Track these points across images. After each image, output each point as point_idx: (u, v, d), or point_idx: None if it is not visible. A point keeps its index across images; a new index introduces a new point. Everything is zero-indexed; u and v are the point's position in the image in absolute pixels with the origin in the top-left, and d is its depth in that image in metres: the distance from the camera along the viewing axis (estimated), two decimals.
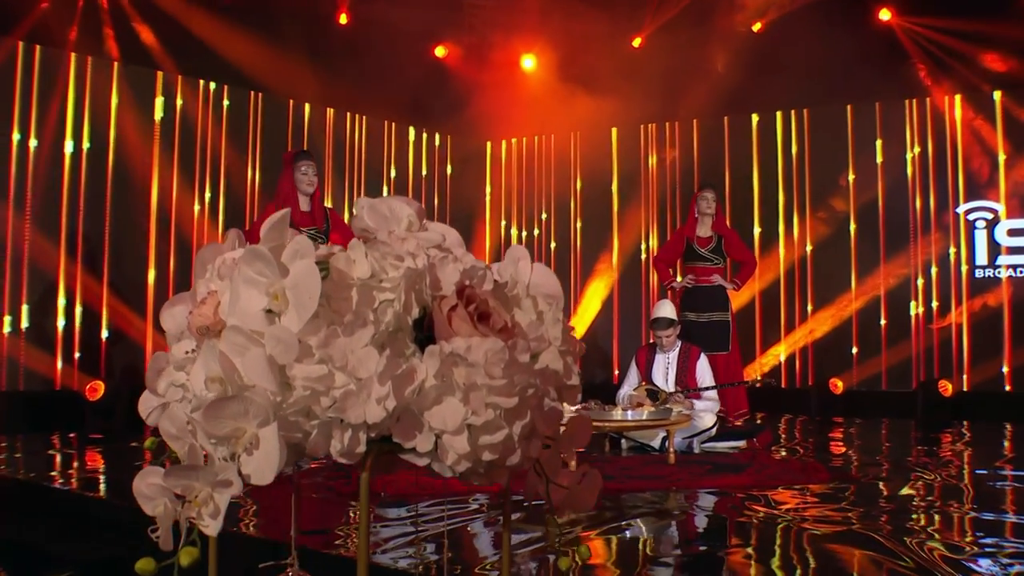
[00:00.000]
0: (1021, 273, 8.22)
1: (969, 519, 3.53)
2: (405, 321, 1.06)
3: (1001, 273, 8.27)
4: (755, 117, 9.32)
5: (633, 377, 5.99)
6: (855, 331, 8.76)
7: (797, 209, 9.11)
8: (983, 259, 8.34)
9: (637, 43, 9.48)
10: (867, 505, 3.86)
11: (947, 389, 7.81)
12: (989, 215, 8.33)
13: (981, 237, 8.35)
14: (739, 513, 3.67)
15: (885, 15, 8.52)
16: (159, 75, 7.89)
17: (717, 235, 6.77)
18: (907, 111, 8.68)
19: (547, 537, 1.20)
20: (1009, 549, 3.03)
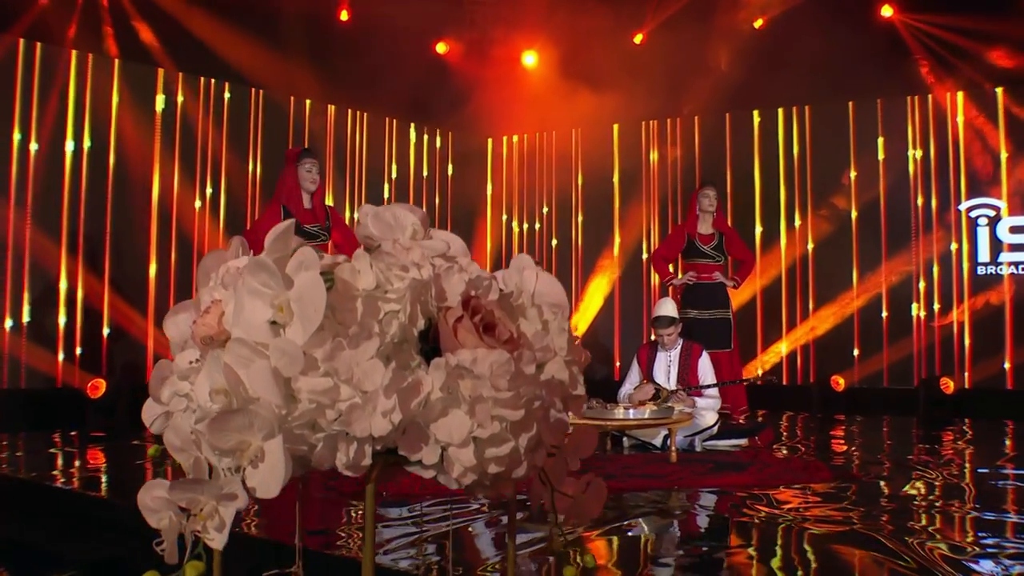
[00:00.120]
0: (1023, 270, 8.22)
1: (971, 519, 3.54)
2: (410, 332, 1.05)
3: (1003, 270, 8.26)
4: (757, 114, 9.31)
5: (635, 375, 5.99)
6: (856, 329, 8.76)
7: (799, 206, 9.10)
8: (985, 256, 8.33)
9: (639, 39, 9.46)
10: (869, 504, 3.86)
11: (948, 386, 7.80)
12: (991, 212, 8.32)
13: (983, 234, 8.34)
14: (740, 513, 3.68)
15: (887, 11, 8.50)
16: (159, 72, 7.88)
17: (718, 232, 6.77)
18: (909, 108, 8.67)
19: (550, 540, 1.19)
20: (1010, 549, 3.03)
